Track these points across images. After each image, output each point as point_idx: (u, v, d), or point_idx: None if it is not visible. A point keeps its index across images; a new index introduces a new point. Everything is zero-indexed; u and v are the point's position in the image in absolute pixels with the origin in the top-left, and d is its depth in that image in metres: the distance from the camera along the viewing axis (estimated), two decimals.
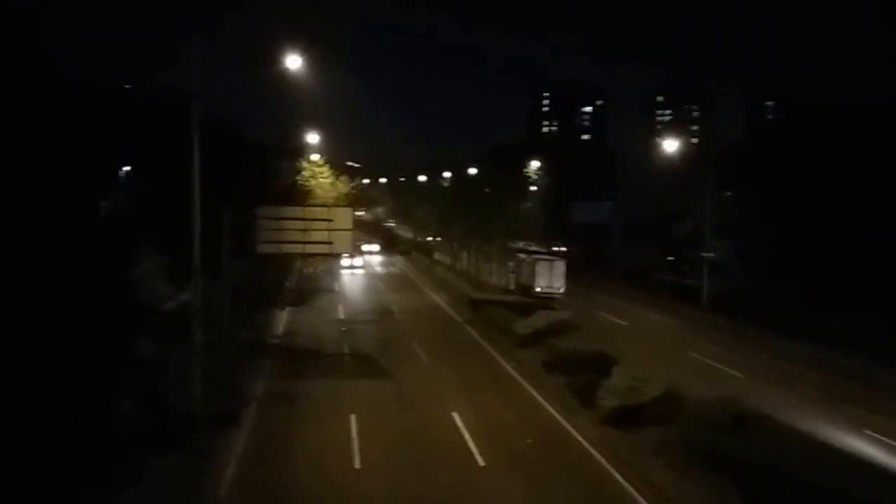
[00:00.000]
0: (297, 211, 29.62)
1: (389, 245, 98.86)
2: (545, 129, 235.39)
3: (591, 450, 22.39)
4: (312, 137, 52.36)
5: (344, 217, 29.78)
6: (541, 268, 53.58)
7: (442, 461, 21.09)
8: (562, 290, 52.78)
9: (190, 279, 22.57)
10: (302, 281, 64.19)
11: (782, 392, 30.15)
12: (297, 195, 45.90)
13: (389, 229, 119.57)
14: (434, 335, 40.75)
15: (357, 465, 20.66)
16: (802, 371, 33.65)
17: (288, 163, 48.38)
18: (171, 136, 24.88)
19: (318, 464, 20.69)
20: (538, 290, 52.33)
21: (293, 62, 22.66)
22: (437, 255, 77.88)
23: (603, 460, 21.48)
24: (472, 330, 42.23)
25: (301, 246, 29.47)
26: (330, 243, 28.98)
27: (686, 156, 57.42)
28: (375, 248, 69.33)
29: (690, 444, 21.05)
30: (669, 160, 55.75)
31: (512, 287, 55.88)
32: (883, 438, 24.26)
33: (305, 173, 50.94)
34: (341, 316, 45.86)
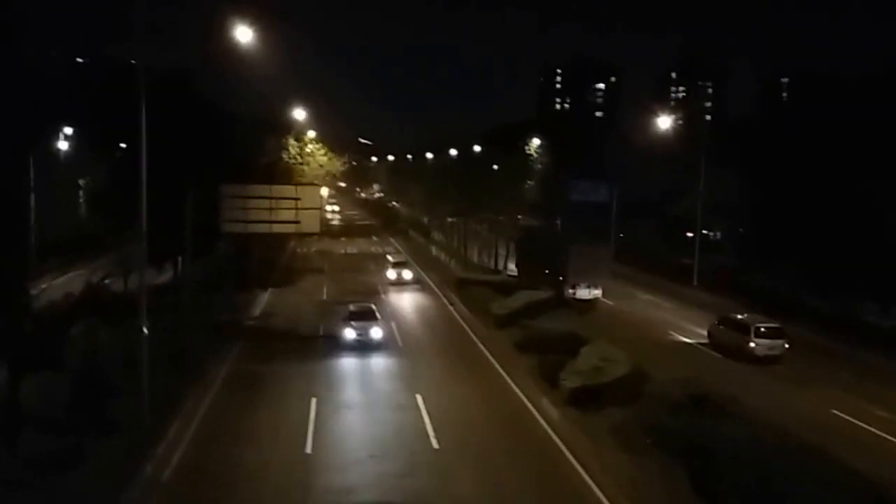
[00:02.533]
0: (263, 189, 29.16)
1: (390, 224, 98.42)
2: (557, 107, 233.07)
3: (550, 431, 22.04)
4: (300, 114, 51.92)
5: (312, 195, 29.36)
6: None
7: (396, 445, 20.74)
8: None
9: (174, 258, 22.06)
10: (294, 261, 64.04)
11: (756, 372, 29.70)
12: (281, 173, 45.51)
13: (391, 208, 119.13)
14: (414, 315, 40.44)
15: (308, 449, 20.34)
16: (786, 352, 32.90)
17: (275, 139, 47.70)
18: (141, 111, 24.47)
19: (269, 447, 20.36)
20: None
21: (243, 35, 22.04)
22: (434, 235, 77.45)
23: (559, 441, 21.12)
24: (454, 310, 41.81)
25: (268, 225, 29.02)
26: (297, 222, 28.52)
27: (687, 134, 56.65)
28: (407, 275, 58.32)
29: (646, 425, 20.67)
30: (672, 138, 55.13)
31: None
32: (848, 418, 23.79)
33: (292, 150, 50.57)
34: (324, 297, 45.45)
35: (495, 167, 63.25)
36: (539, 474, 18.93)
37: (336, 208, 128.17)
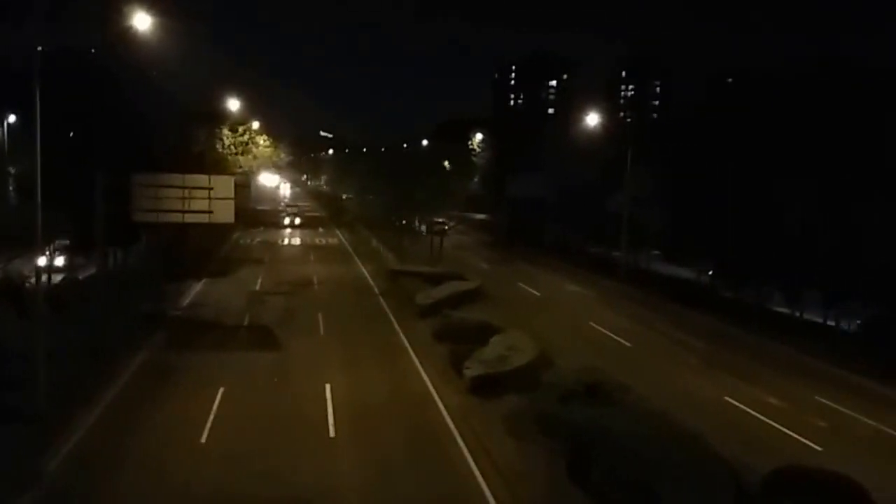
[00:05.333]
0: (176, 178, 29.16)
1: (338, 215, 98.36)
2: (512, 103, 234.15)
3: (447, 418, 22.53)
4: (234, 104, 51.80)
5: (225, 185, 29.45)
6: None
7: (293, 434, 21.03)
8: None
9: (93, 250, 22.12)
10: (234, 251, 63.85)
11: (662, 360, 30.53)
12: (214, 163, 45.44)
13: (342, 201, 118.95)
14: (343, 306, 40.62)
15: (203, 439, 20.53)
16: (696, 341, 34.00)
17: (207, 130, 47.55)
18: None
19: (164, 437, 20.52)
20: None
21: (141, 21, 22.06)
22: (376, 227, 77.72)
23: (453, 428, 21.64)
24: (383, 301, 42.17)
25: (180, 215, 29.06)
26: (210, 212, 28.63)
27: (617, 132, 57.59)
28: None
29: (538, 412, 21.28)
30: (607, 136, 56.01)
31: None
32: (738, 405, 24.61)
33: (227, 140, 50.51)
34: (257, 287, 45.54)
35: (434, 162, 63.81)
36: (427, 460, 19.39)
37: (287, 196, 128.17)
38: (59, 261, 41.03)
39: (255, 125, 67.03)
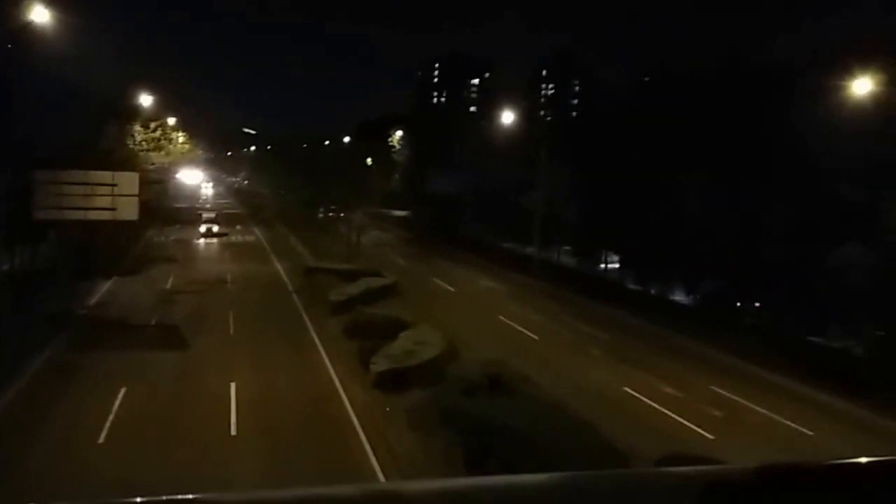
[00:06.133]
0: (78, 175, 28.54)
1: (258, 212, 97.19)
2: (434, 101, 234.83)
3: (351, 413, 22.72)
4: (147, 100, 50.79)
5: (129, 182, 28.98)
6: None
7: (193, 433, 20.94)
8: None
9: None
10: (148, 249, 62.49)
11: (567, 352, 31.33)
12: (124, 159, 44.47)
13: (263, 197, 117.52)
14: (255, 305, 40.29)
15: (101, 439, 20.27)
16: (601, 333, 34.87)
17: (117, 126, 46.49)
18: None
19: (61, 437, 20.20)
20: None
21: (40, 15, 21.60)
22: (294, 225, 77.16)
23: (356, 422, 21.86)
24: (297, 298, 41.96)
25: (83, 212, 28.46)
26: (114, 209, 28.13)
27: (530, 130, 58.49)
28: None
29: (441, 405, 21.63)
30: (524, 134, 56.87)
31: None
32: (636, 394, 25.47)
33: (138, 136, 49.54)
34: (168, 286, 44.76)
35: (354, 159, 63.85)
36: (326, 455, 19.57)
37: (209, 196, 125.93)
38: None
39: (171, 121, 65.95)
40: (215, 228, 69.27)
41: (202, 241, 69.76)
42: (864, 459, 2.09)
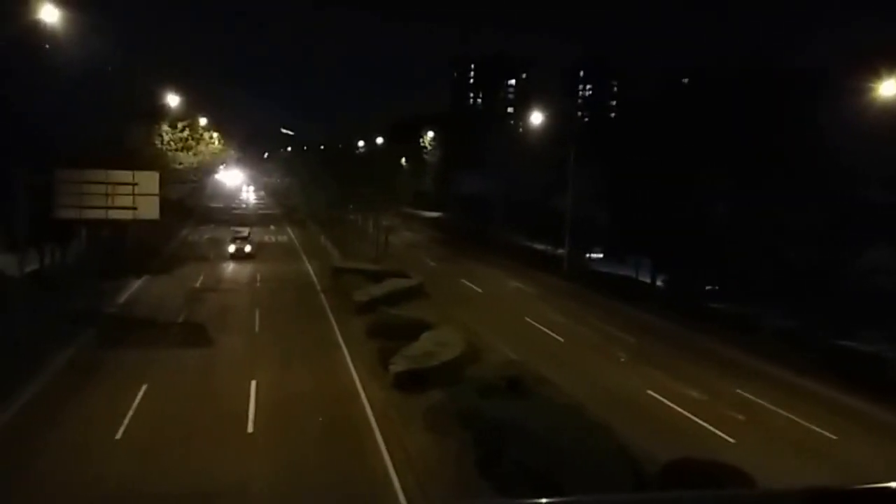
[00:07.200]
0: (99, 174, 28.77)
1: (292, 213, 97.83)
2: (471, 102, 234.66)
3: (369, 413, 22.54)
4: (174, 100, 51.11)
5: (150, 181, 29.13)
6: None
7: (210, 430, 20.89)
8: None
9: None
10: (181, 248, 63.13)
11: (591, 355, 30.92)
12: (151, 159, 44.74)
13: (297, 197, 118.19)
14: (282, 304, 40.39)
15: (118, 435, 20.29)
16: (628, 336, 34.39)
17: (145, 126, 46.83)
18: None
19: (81, 433, 20.29)
20: None
21: (49, 14, 21.74)
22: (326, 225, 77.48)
23: (373, 423, 21.66)
24: (324, 298, 42.00)
25: (104, 211, 28.69)
26: (134, 208, 28.30)
27: (562, 131, 58.01)
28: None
29: (457, 406, 21.37)
30: (555, 135, 56.46)
31: None
32: (658, 397, 25.00)
33: (166, 136, 49.94)
34: (198, 285, 45.08)
35: (385, 159, 63.89)
36: (341, 454, 19.42)
37: (246, 198, 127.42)
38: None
39: (203, 121, 66.43)
40: (247, 249, 58.33)
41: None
42: None
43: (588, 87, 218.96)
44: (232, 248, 56.48)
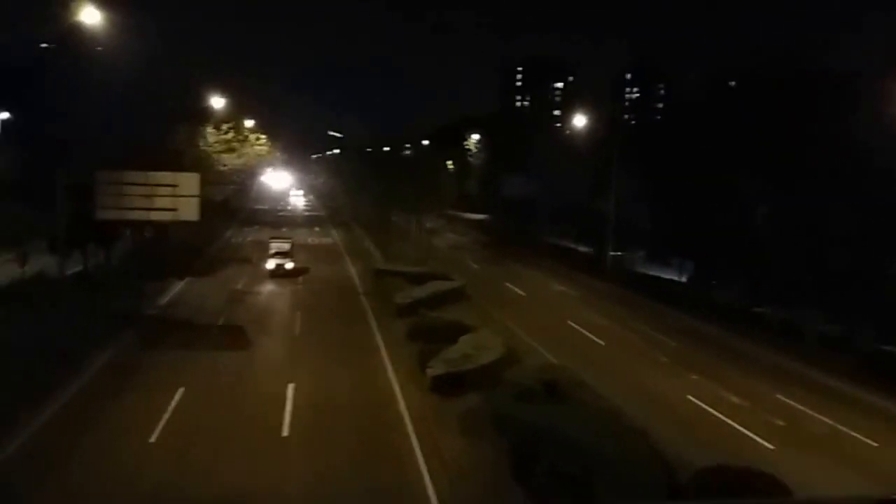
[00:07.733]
0: (139, 176, 28.94)
1: (337, 215, 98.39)
2: (518, 104, 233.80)
3: (406, 416, 22.34)
4: (219, 102, 51.49)
5: (190, 183, 29.21)
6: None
7: (244, 433, 20.76)
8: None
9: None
10: (224, 250, 63.55)
11: (632, 358, 30.36)
12: (192, 160, 45.13)
13: (343, 199, 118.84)
14: (324, 305, 40.33)
15: (153, 438, 20.24)
16: (670, 340, 33.80)
17: (190, 128, 47.30)
18: None
19: (116, 435, 20.29)
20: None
21: (90, 16, 21.84)
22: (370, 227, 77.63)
23: (410, 426, 21.45)
24: (365, 300, 41.86)
25: (145, 212, 28.86)
26: (175, 209, 28.40)
27: (606, 134, 57.27)
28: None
29: (493, 410, 20.96)
30: (597, 137, 55.77)
31: None
32: (698, 402, 24.35)
33: (210, 138, 50.35)
34: (240, 287, 45.19)
35: (431, 161, 63.87)
36: (376, 458, 19.18)
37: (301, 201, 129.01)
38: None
39: (249, 123, 66.94)
40: (288, 265, 49.85)
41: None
42: None
43: (635, 89, 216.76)
44: (271, 265, 49.13)
